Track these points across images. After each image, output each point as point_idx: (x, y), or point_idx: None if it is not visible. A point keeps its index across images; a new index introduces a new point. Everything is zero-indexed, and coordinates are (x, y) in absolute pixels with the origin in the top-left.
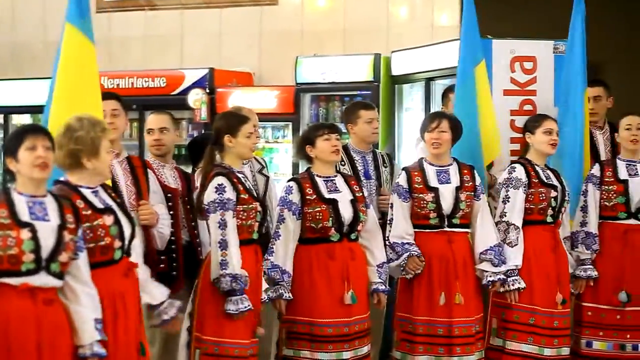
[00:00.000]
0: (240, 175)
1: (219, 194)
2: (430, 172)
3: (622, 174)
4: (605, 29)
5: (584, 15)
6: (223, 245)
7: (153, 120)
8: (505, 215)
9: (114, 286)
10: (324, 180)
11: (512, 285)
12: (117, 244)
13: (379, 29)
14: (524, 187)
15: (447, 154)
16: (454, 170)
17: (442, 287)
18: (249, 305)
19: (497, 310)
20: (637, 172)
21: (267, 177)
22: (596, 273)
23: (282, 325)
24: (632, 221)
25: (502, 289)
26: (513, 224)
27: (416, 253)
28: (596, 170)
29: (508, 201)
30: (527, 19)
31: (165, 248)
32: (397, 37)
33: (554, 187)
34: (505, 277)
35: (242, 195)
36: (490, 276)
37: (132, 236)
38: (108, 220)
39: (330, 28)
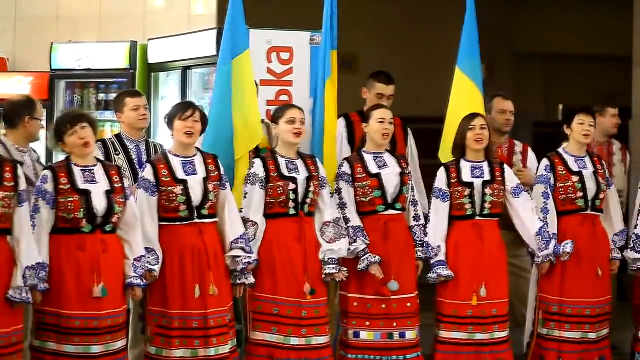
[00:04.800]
0: None
1: None
2: (177, 164)
3: (373, 168)
4: (360, 21)
5: (335, 7)
6: None
7: None
8: (242, 211)
9: None
10: (82, 170)
11: (239, 280)
12: None
13: (135, 16)
14: (261, 182)
15: (194, 145)
16: (199, 161)
17: (196, 279)
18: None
19: (249, 301)
20: (385, 163)
21: (45, 167)
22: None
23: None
24: (390, 212)
25: (237, 281)
26: (250, 220)
27: (148, 267)
28: (346, 168)
29: (245, 197)
30: (284, 9)
31: None
32: (154, 24)
33: (293, 180)
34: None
35: None
36: (245, 259)
37: None
38: None
39: (86, 14)
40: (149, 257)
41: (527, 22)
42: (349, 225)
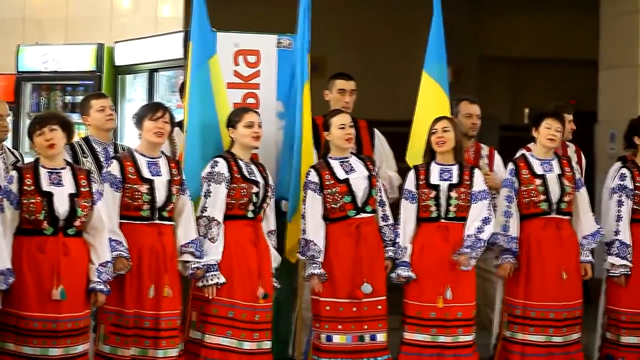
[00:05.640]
0: None
1: None
2: (143, 163)
3: (341, 174)
4: (328, 25)
5: (309, 11)
6: None
7: None
8: (206, 210)
9: None
10: (48, 172)
11: (211, 280)
12: None
13: (102, 18)
14: (226, 182)
15: (161, 146)
16: (163, 163)
17: (152, 279)
18: None
19: (196, 304)
20: (352, 167)
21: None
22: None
23: None
24: (361, 215)
25: (200, 284)
26: (215, 219)
27: (124, 255)
28: (313, 176)
29: (209, 196)
30: (250, 11)
31: None
32: (121, 27)
33: (256, 183)
34: (206, 269)
35: None
36: (194, 264)
37: None
38: None
39: (53, 16)
40: (119, 247)
41: (493, 26)
42: (303, 237)
